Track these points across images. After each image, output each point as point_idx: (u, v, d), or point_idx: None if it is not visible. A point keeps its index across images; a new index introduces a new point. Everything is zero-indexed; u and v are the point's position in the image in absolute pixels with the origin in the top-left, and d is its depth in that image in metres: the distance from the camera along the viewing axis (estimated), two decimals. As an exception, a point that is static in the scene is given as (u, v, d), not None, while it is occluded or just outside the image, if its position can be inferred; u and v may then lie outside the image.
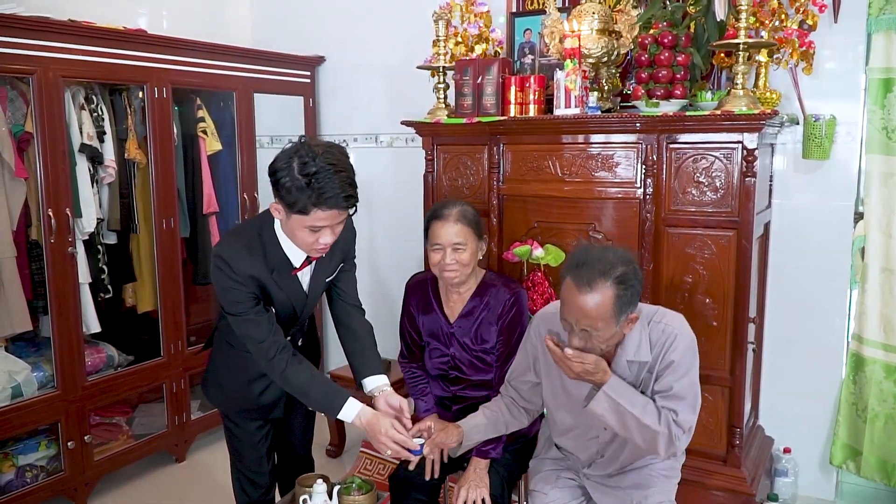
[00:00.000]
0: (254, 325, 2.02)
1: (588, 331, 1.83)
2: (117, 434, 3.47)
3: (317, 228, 1.90)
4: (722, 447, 2.72)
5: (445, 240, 2.30)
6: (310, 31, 4.28)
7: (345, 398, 2.05)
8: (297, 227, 1.92)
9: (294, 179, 1.81)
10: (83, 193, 3.18)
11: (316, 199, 1.82)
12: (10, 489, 2.98)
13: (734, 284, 2.62)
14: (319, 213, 1.85)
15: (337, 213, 1.88)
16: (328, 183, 1.81)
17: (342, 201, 1.85)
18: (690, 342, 1.95)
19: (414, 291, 2.56)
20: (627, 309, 1.84)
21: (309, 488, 2.07)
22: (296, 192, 1.82)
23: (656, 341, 1.93)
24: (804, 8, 2.74)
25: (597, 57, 2.93)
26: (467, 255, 2.31)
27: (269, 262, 2.03)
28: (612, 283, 1.79)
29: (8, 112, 2.98)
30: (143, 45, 3.31)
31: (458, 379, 2.47)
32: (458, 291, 2.44)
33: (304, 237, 1.94)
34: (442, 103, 3.23)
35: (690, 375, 1.93)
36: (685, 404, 1.90)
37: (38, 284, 3.12)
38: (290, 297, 2.12)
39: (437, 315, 2.48)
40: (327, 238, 1.93)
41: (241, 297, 2.01)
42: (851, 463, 2.95)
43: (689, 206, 2.67)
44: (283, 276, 2.07)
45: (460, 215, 2.32)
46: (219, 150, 3.80)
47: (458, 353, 2.45)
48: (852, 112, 2.90)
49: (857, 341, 2.92)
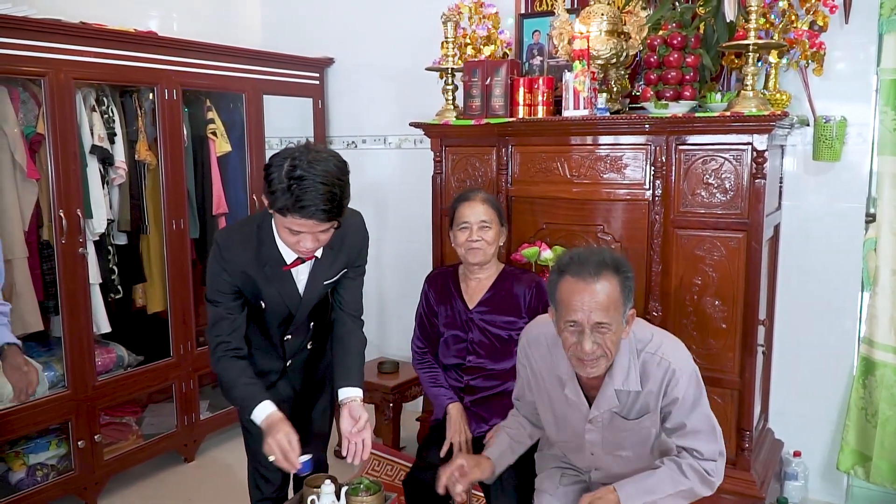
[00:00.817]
0: (222, 319, 2.09)
1: (603, 325, 1.73)
2: (127, 434, 3.48)
3: (295, 232, 1.89)
4: (731, 450, 2.69)
5: (473, 218, 2.45)
6: (319, 33, 4.29)
7: (260, 401, 2.04)
8: (278, 224, 1.94)
9: (279, 180, 1.81)
10: (94, 194, 3.20)
11: (292, 204, 1.81)
12: (20, 488, 3.00)
13: (744, 286, 2.61)
14: (294, 219, 1.84)
15: (314, 224, 1.86)
16: (308, 192, 1.80)
17: (318, 213, 1.82)
18: (692, 374, 1.86)
19: (433, 282, 2.65)
20: (628, 302, 1.79)
21: (317, 489, 2.07)
22: (277, 192, 1.82)
23: (651, 374, 1.84)
24: (815, 9, 2.72)
25: (605, 58, 2.92)
26: (492, 234, 2.46)
27: (261, 257, 2.05)
28: (612, 271, 1.75)
29: (20, 114, 3.00)
30: (154, 48, 3.33)
31: (474, 368, 2.52)
32: (479, 278, 2.53)
33: (285, 237, 1.95)
34: (450, 105, 3.23)
35: (701, 407, 1.87)
36: (703, 437, 1.86)
37: (49, 285, 3.14)
38: (282, 294, 2.11)
39: (457, 301, 2.56)
40: (307, 244, 1.92)
41: (224, 289, 2.06)
42: (860, 469, 2.92)
43: (698, 208, 2.66)
44: (276, 272, 2.07)
45: (485, 198, 2.51)
46: (228, 151, 3.82)
47: (476, 337, 2.51)
48: (863, 113, 2.88)
49: (868, 345, 2.89)
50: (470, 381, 2.52)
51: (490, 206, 2.48)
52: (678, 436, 1.88)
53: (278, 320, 2.18)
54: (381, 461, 3.35)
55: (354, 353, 2.26)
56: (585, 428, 1.94)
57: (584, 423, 1.93)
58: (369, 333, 2.39)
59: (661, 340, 1.89)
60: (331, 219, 1.87)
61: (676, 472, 1.88)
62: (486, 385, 2.50)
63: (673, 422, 1.87)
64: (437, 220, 3.27)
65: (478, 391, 2.50)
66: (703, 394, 1.88)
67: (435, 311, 2.61)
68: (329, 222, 1.88)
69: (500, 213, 2.54)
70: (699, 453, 1.86)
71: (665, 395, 1.84)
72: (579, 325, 1.75)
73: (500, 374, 2.49)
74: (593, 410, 1.90)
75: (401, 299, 4.12)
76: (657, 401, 1.85)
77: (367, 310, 2.39)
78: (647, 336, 1.89)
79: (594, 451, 1.99)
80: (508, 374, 2.44)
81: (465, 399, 2.53)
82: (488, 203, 2.49)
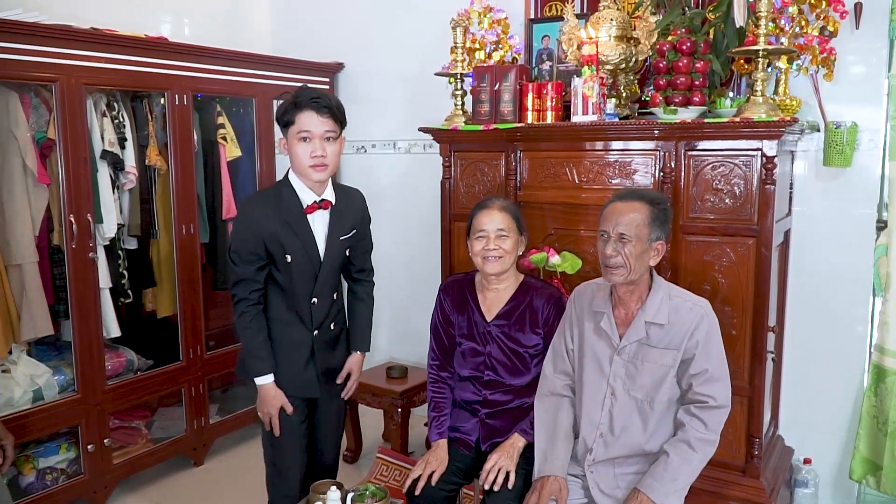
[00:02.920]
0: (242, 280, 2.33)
1: (624, 236, 2.04)
2: (136, 438, 3.50)
3: (306, 136, 2.23)
4: (741, 457, 2.68)
5: (490, 227, 2.38)
6: (329, 39, 4.31)
7: (269, 370, 2.34)
8: (293, 142, 2.26)
9: (287, 103, 2.27)
10: (104, 199, 3.22)
11: (294, 106, 2.23)
12: (30, 491, 3.02)
13: (753, 293, 2.59)
14: (302, 117, 2.23)
15: (319, 120, 2.23)
16: (304, 94, 2.25)
17: (321, 108, 2.23)
18: (716, 323, 2.12)
19: (449, 291, 2.57)
20: (657, 231, 2.07)
21: (323, 495, 2.08)
22: (287, 108, 2.25)
23: (682, 316, 2.09)
24: (825, 14, 2.71)
25: (615, 63, 2.92)
26: (510, 243, 2.39)
27: (281, 209, 2.30)
28: (646, 202, 2.09)
29: (31, 119, 3.02)
30: (165, 53, 3.35)
31: (492, 382, 2.45)
32: (496, 289, 2.45)
33: (300, 152, 2.25)
34: (459, 110, 3.23)
35: (722, 356, 2.11)
36: (721, 384, 2.09)
37: (59, 289, 3.16)
38: (305, 245, 2.33)
39: (474, 313, 2.48)
40: (318, 150, 2.24)
41: (246, 250, 2.30)
42: (872, 478, 2.89)
43: (707, 214, 2.65)
44: (296, 221, 2.31)
45: (504, 206, 2.44)
46: (238, 156, 3.83)
47: (494, 352, 2.44)
48: (874, 118, 2.86)
49: (879, 352, 2.86)
50: (489, 396, 2.45)
51: (508, 214, 2.41)
52: (699, 381, 2.07)
53: (304, 278, 2.35)
54: (390, 466, 3.35)
55: (361, 318, 2.61)
56: (613, 359, 2.16)
57: (613, 354, 2.16)
58: (378, 338, 2.42)
59: (693, 296, 2.19)
60: (332, 116, 2.26)
61: (687, 451, 2.05)
62: (504, 399, 2.44)
63: (696, 366, 2.07)
64: (445, 225, 3.26)
65: (496, 405, 2.44)
66: (722, 345, 2.13)
67: (451, 319, 2.53)
68: (331, 120, 2.26)
69: (520, 220, 2.45)
70: (714, 399, 2.05)
71: (692, 336, 2.07)
72: (607, 234, 2.09)
73: (517, 389, 2.43)
74: (623, 341, 2.14)
75: (410, 304, 4.12)
76: (682, 339, 2.08)
77: (375, 315, 2.44)
78: (682, 290, 2.20)
79: (615, 387, 2.16)
80: (524, 391, 2.41)
81: (480, 411, 2.46)
82: (506, 211, 2.41)
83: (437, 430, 2.48)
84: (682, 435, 2.07)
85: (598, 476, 2.17)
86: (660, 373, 2.10)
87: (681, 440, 2.07)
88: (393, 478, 3.30)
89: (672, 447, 2.07)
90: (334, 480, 2.20)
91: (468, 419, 2.48)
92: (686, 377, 2.09)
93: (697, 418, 2.06)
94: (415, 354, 4.05)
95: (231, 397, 4.08)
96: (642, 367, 2.12)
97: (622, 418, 2.15)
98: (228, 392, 4.15)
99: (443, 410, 2.52)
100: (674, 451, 2.06)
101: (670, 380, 2.10)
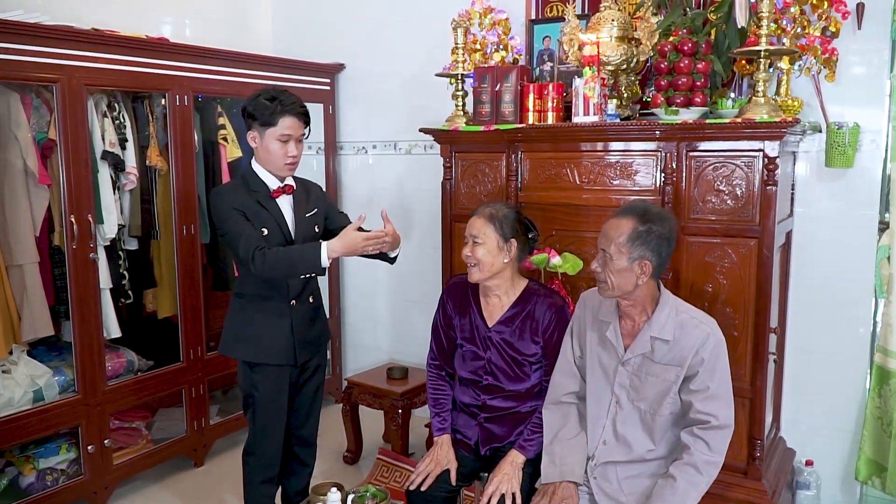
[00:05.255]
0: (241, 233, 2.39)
1: (604, 252, 2.04)
2: (137, 438, 3.49)
3: (285, 138, 2.41)
4: (742, 459, 2.68)
5: (468, 233, 2.37)
6: (330, 40, 4.31)
7: (320, 246, 2.39)
8: (269, 141, 2.41)
9: (262, 102, 2.39)
10: (105, 200, 3.22)
11: (280, 109, 2.38)
12: (30, 492, 3.02)
13: (755, 294, 2.59)
14: (285, 121, 2.39)
15: (298, 124, 2.43)
16: (288, 99, 2.41)
17: (301, 114, 2.43)
18: (722, 343, 2.08)
19: (453, 292, 2.54)
20: (640, 250, 2.00)
21: (323, 496, 2.08)
22: (266, 109, 2.38)
23: (688, 333, 2.06)
24: (827, 15, 2.70)
25: (616, 64, 2.91)
26: (482, 250, 2.31)
27: (250, 194, 2.46)
28: (635, 217, 2.03)
29: (32, 119, 3.02)
30: (166, 54, 3.35)
31: (491, 387, 2.42)
32: (498, 296, 2.41)
33: (276, 150, 2.42)
34: (460, 111, 3.23)
35: (725, 375, 2.07)
36: (722, 402, 2.05)
37: (60, 290, 3.16)
38: (276, 219, 2.49)
39: (475, 317, 2.44)
40: (293, 150, 2.45)
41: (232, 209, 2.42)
42: (877, 479, 2.88)
43: (709, 215, 2.64)
44: (267, 202, 2.49)
45: (489, 213, 2.36)
46: (239, 157, 3.83)
47: (494, 358, 2.41)
48: (877, 119, 2.85)
49: (882, 353, 2.86)
50: (488, 401, 2.43)
51: (487, 220, 2.32)
52: (701, 399, 2.03)
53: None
54: (390, 467, 3.35)
55: None
56: (617, 370, 2.14)
57: (617, 365, 2.14)
58: (378, 339, 2.41)
59: (701, 313, 2.16)
60: (306, 123, 2.47)
61: (694, 475, 2.01)
62: (504, 405, 2.41)
63: (698, 383, 2.03)
64: (446, 226, 3.26)
65: (495, 410, 2.42)
66: (727, 366, 2.09)
67: (452, 322, 2.50)
68: (305, 126, 2.47)
69: (504, 226, 2.33)
70: (715, 418, 2.01)
71: (696, 354, 2.04)
72: (599, 250, 2.10)
73: (517, 394, 2.40)
74: (628, 353, 2.12)
75: (411, 305, 4.11)
76: (687, 356, 2.05)
77: (377, 315, 2.43)
78: (690, 307, 2.16)
79: (619, 396, 2.14)
80: (524, 396, 2.40)
81: (479, 416, 2.44)
82: (486, 217, 2.33)
83: (440, 426, 2.47)
84: (688, 458, 2.03)
85: (601, 482, 2.15)
86: (663, 387, 2.08)
87: (687, 463, 2.02)
88: (393, 479, 3.30)
89: (679, 471, 2.03)
90: (334, 482, 2.20)
91: (468, 422, 2.47)
92: (687, 393, 2.07)
93: (701, 440, 2.02)
94: (414, 355, 4.03)
95: (231, 398, 4.08)
96: (646, 380, 2.11)
97: (626, 427, 2.14)
98: (229, 393, 4.15)
99: (444, 407, 2.51)
100: (680, 475, 2.02)
101: (673, 394, 2.08)
